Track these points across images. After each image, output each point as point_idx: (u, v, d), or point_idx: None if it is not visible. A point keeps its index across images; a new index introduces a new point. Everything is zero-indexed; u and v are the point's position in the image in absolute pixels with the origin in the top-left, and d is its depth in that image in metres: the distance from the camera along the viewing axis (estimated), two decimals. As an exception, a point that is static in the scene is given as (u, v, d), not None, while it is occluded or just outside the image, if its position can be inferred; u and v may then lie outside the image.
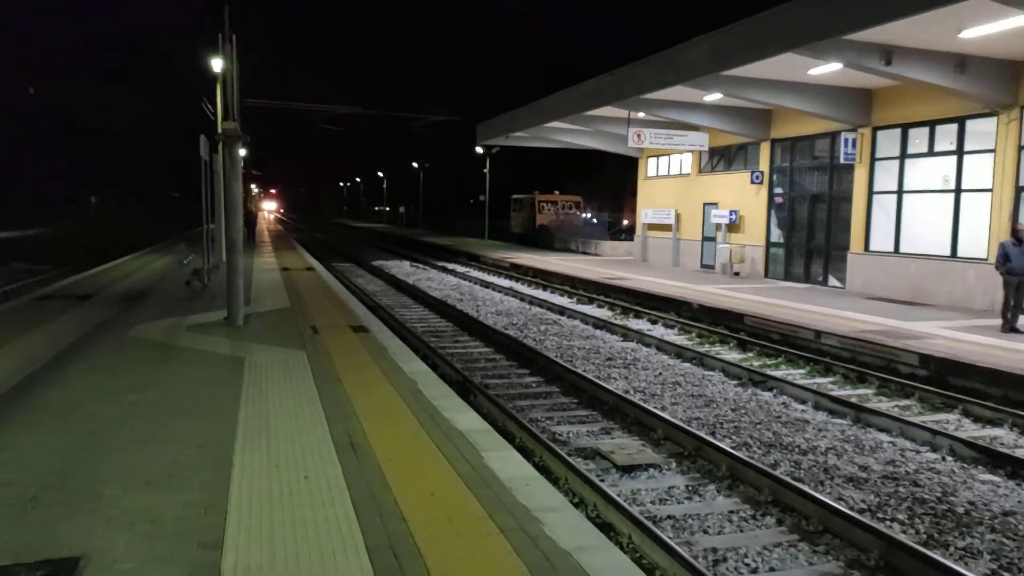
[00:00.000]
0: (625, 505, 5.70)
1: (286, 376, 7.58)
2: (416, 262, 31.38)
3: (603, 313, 16.59)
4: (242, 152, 11.39)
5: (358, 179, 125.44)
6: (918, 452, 7.43)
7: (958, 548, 5.31)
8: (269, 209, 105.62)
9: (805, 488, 5.99)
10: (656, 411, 8.23)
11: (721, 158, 24.11)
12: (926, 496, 6.27)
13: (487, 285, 22.45)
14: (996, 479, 6.68)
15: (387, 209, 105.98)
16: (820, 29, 13.34)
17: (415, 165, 75.33)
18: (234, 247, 10.92)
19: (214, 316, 11.50)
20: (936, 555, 4.86)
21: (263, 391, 6.95)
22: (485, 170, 46.23)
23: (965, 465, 7.05)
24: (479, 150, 43.64)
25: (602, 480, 6.42)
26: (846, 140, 17.89)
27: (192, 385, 7.21)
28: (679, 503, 6.13)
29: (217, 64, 19.24)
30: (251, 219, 36.46)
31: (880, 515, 5.87)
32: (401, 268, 28.90)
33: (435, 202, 78.53)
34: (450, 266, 29.11)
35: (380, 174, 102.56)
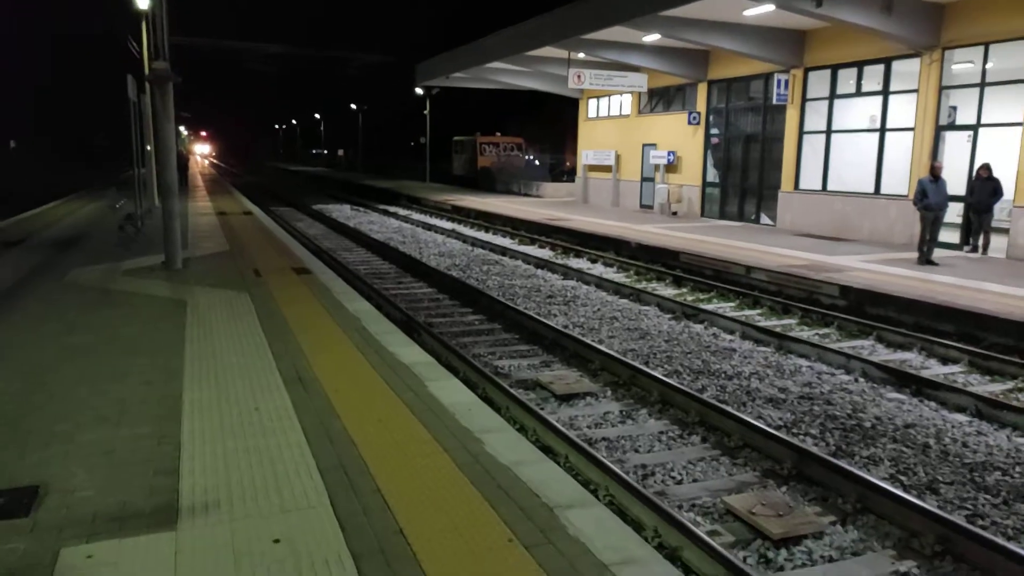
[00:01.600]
0: (563, 429, 6.06)
1: (230, 316, 7.67)
2: (357, 205, 31.09)
3: (544, 253, 16.90)
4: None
5: (294, 121, 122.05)
6: (833, 375, 8.00)
7: (863, 457, 5.85)
8: (202, 153, 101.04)
9: (728, 408, 6.45)
10: (594, 344, 8.60)
11: (660, 99, 24.37)
12: (837, 413, 6.81)
13: (429, 227, 22.50)
14: (902, 397, 7.28)
15: (325, 152, 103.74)
16: (754, -31, 13.55)
17: (353, 107, 73.67)
18: (169, 190, 10.76)
19: (151, 260, 11.38)
20: (841, 463, 5.36)
21: (208, 331, 7.04)
22: (425, 112, 45.56)
23: (875, 385, 7.64)
24: (419, 91, 42.93)
25: (542, 408, 6.77)
26: (779, 81, 18.33)
27: (134, 326, 7.24)
28: (613, 426, 6.53)
29: (143, 1, 18.43)
30: (183, 163, 35.38)
31: (795, 431, 6.38)
32: (342, 212, 28.62)
33: (375, 145, 77.18)
34: (391, 209, 28.95)
35: (317, 116, 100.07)
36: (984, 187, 13.65)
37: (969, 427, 6.47)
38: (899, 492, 4.91)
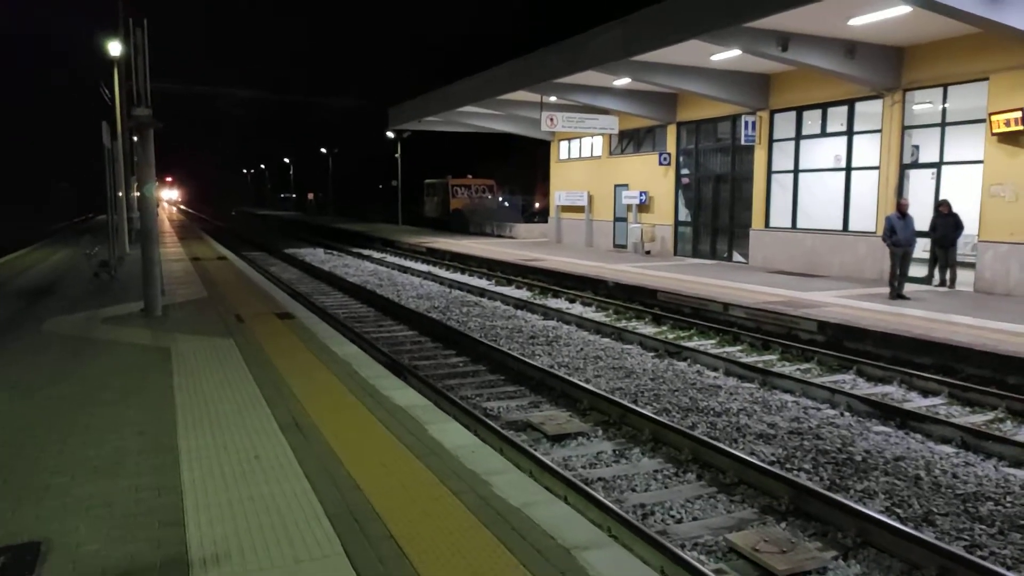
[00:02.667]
0: (559, 470, 6.06)
1: (218, 363, 7.58)
2: (330, 249, 31.00)
3: (523, 294, 16.98)
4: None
5: (263, 166, 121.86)
6: (819, 409, 8.11)
7: (857, 491, 5.92)
8: (170, 199, 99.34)
9: (721, 445, 6.50)
10: (581, 383, 8.63)
11: (631, 141, 24.85)
12: (828, 447, 6.90)
13: (405, 270, 22.50)
14: (888, 430, 7.40)
15: (294, 196, 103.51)
16: (721, 17, 14.00)
17: (323, 151, 73.90)
18: (149, 236, 10.67)
19: (129, 308, 11.22)
20: (838, 497, 5.43)
21: (196, 378, 6.95)
22: (397, 155, 45.84)
23: (861, 419, 7.76)
24: (390, 135, 43.25)
25: (535, 449, 6.76)
26: (746, 122, 18.82)
27: (119, 376, 7.12)
28: (608, 466, 6.54)
29: (116, 48, 18.45)
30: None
31: (788, 466, 6.45)
32: (315, 255, 28.51)
33: (346, 188, 77.25)
34: (366, 252, 28.92)
35: (286, 160, 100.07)
36: (946, 223, 14.09)
37: (957, 458, 6.59)
38: (898, 525, 4.97)
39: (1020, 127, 12.82)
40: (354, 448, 5.00)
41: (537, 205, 47.88)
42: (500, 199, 43.39)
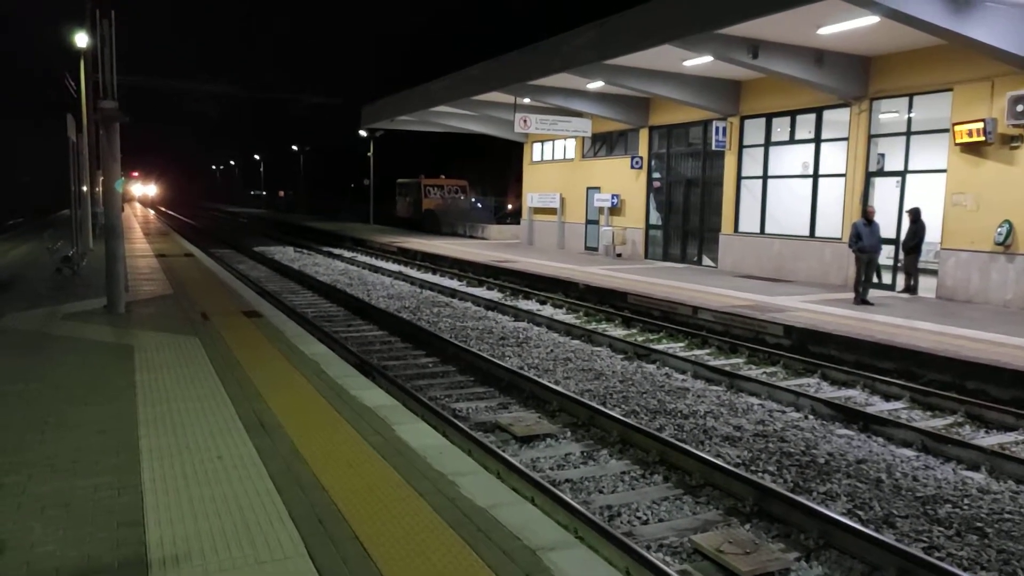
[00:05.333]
0: (526, 471, 6.06)
1: (181, 361, 7.46)
2: (300, 248, 30.71)
3: (494, 295, 16.97)
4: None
5: (232, 162, 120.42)
6: (784, 412, 8.21)
7: (820, 493, 6.00)
8: (143, 196, 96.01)
9: (688, 447, 6.55)
10: (550, 385, 8.65)
11: (603, 144, 24.97)
12: (792, 450, 6.99)
13: (376, 270, 22.36)
14: (851, 433, 7.52)
15: (264, 194, 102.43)
16: (693, 23, 14.14)
17: (295, 148, 73.25)
18: (114, 232, 10.48)
19: (91, 304, 11.00)
20: (801, 499, 5.50)
21: (159, 376, 6.83)
22: (369, 154, 45.57)
23: (824, 422, 7.87)
24: (363, 133, 42.99)
25: (503, 450, 6.76)
26: (717, 128, 19.02)
27: (80, 373, 6.97)
28: (575, 468, 6.55)
29: (83, 39, 18.10)
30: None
31: (753, 468, 6.51)
32: (285, 254, 28.23)
33: (317, 186, 76.63)
34: (336, 251, 28.70)
35: (256, 157, 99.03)
36: (912, 229, 14.38)
37: (917, 461, 6.72)
38: (859, 527, 5.05)
39: (982, 138, 13.11)
40: (320, 448, 4.95)
41: (509, 207, 47.91)
42: (473, 200, 43.38)
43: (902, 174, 15.30)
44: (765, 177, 18.46)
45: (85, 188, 20.19)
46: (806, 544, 5.07)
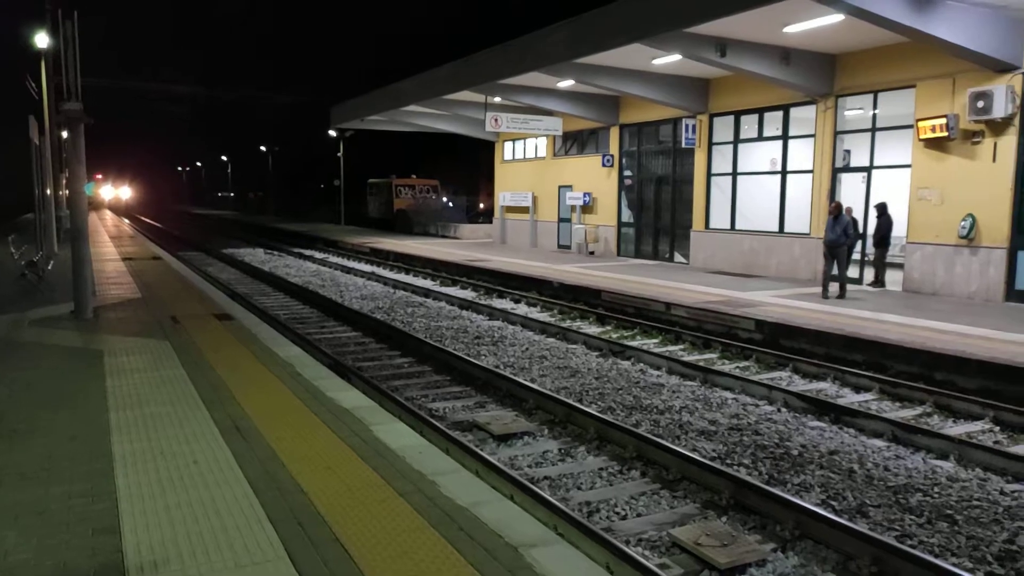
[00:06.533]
0: (505, 469, 6.07)
1: (153, 366, 7.36)
2: (270, 249, 30.41)
3: (468, 294, 16.95)
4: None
5: (199, 164, 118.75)
6: (757, 406, 8.32)
7: (794, 484, 6.09)
8: (112, 197, 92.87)
9: (664, 442, 6.61)
10: (527, 383, 8.66)
11: (574, 142, 25.05)
12: (766, 443, 7.08)
13: (348, 271, 22.22)
14: (823, 425, 7.64)
15: (232, 195, 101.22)
16: (662, 22, 14.25)
17: (263, 148, 72.49)
18: (80, 235, 10.29)
19: (58, 310, 10.81)
20: (776, 490, 5.58)
21: (131, 382, 6.73)
22: (339, 154, 45.24)
23: (797, 415, 7.98)
24: (332, 133, 42.68)
25: (481, 449, 6.76)
26: (687, 126, 19.18)
27: (50, 379, 6.84)
28: (553, 465, 6.58)
29: (43, 40, 17.74)
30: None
31: (729, 461, 6.59)
32: (255, 256, 27.93)
33: (287, 187, 75.87)
34: (307, 252, 28.46)
35: (224, 158, 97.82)
36: (879, 224, 14.65)
37: (888, 452, 6.84)
38: (833, 517, 5.13)
39: (945, 133, 13.38)
40: (298, 451, 4.92)
41: (482, 206, 47.92)
42: (444, 199, 43.28)
43: (868, 170, 15.56)
44: (735, 174, 18.66)
45: (49, 191, 19.78)
46: (782, 535, 5.14)
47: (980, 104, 12.71)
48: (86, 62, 9.67)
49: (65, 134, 11.73)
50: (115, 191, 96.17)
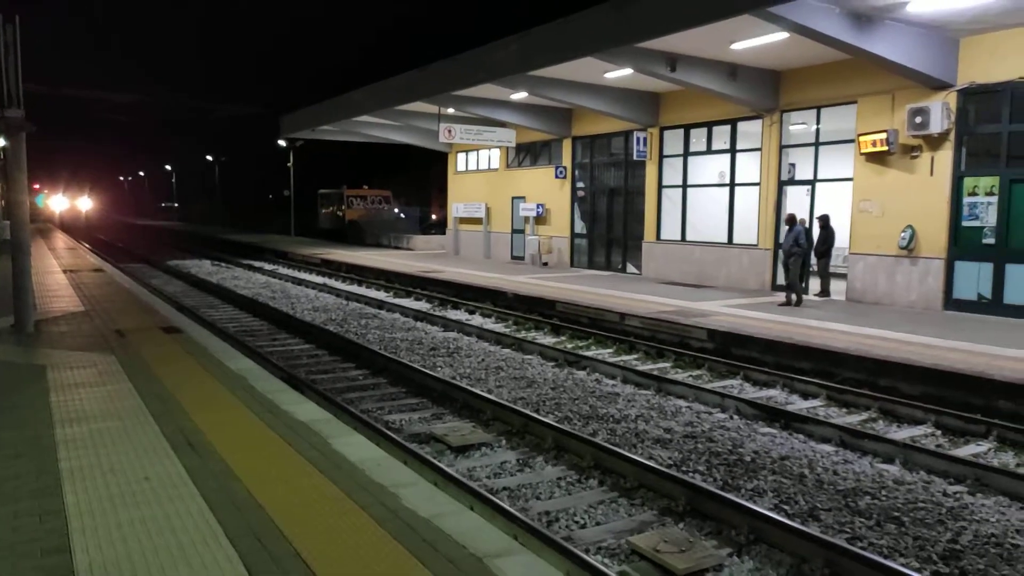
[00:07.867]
0: (464, 481, 6.05)
1: (99, 380, 7.14)
2: (218, 261, 29.81)
3: (422, 305, 16.88)
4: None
5: (142, 173, 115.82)
6: (711, 413, 8.47)
7: (748, 489, 6.21)
8: (65, 208, 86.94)
9: (621, 451, 6.67)
10: (483, 394, 8.66)
11: (528, 154, 25.21)
12: (720, 449, 7.21)
13: (299, 282, 21.93)
14: (773, 431, 7.81)
15: (176, 206, 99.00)
16: (614, 36, 14.47)
17: (209, 158, 71.16)
18: (21, 246, 9.95)
19: (-4, 323, 10.41)
20: (731, 496, 5.68)
21: (75, 396, 6.52)
22: (289, 164, 44.67)
23: (749, 421, 8.15)
24: (282, 143, 42.13)
25: (439, 461, 6.73)
26: (638, 138, 19.48)
27: (-11, 396, 6.59)
28: (512, 475, 6.58)
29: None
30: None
31: (684, 468, 6.69)
32: (201, 267, 27.36)
33: (235, 198, 74.54)
34: (256, 264, 28.00)
35: (168, 167, 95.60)
36: (822, 235, 15.09)
37: (836, 456, 7.03)
38: (786, 521, 5.25)
39: (885, 148, 13.86)
40: (254, 465, 4.83)
41: (434, 217, 47.77)
42: (397, 210, 43.05)
43: (812, 183, 16.01)
44: (685, 186, 19.00)
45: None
46: (738, 540, 5.24)
47: (918, 120, 13.21)
48: (29, 68, 9.38)
49: (1, 141, 11.32)
50: (71, 203, 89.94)
